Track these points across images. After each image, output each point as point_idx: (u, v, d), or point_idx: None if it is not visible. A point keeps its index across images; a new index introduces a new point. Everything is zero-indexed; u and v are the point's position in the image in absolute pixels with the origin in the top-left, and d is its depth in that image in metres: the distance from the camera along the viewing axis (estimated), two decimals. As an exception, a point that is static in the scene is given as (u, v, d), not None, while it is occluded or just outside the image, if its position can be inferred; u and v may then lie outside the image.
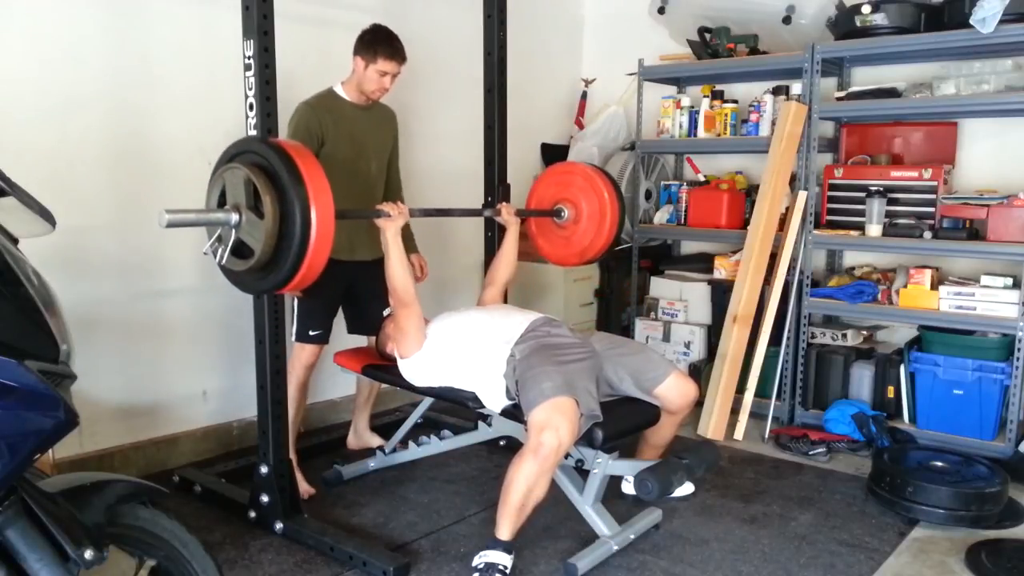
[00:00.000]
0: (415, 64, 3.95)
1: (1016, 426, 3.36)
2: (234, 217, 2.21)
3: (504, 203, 3.24)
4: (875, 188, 3.61)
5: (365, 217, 2.92)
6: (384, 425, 3.63)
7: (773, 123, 3.94)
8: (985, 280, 3.40)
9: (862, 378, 3.77)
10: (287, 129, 2.92)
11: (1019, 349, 3.29)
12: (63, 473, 1.69)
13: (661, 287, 4.43)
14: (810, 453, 3.49)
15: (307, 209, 2.16)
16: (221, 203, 2.28)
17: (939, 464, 3.00)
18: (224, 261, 2.27)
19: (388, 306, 3.10)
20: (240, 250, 2.25)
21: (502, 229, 3.28)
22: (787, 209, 3.84)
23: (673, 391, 2.71)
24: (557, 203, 3.30)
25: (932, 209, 3.57)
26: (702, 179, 4.50)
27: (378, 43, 2.95)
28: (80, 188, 2.92)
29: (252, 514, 2.70)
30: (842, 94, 3.84)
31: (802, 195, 3.77)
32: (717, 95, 4.22)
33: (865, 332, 3.99)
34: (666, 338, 4.30)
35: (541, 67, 4.83)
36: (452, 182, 4.20)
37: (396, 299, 2.74)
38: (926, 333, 3.60)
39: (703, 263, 4.43)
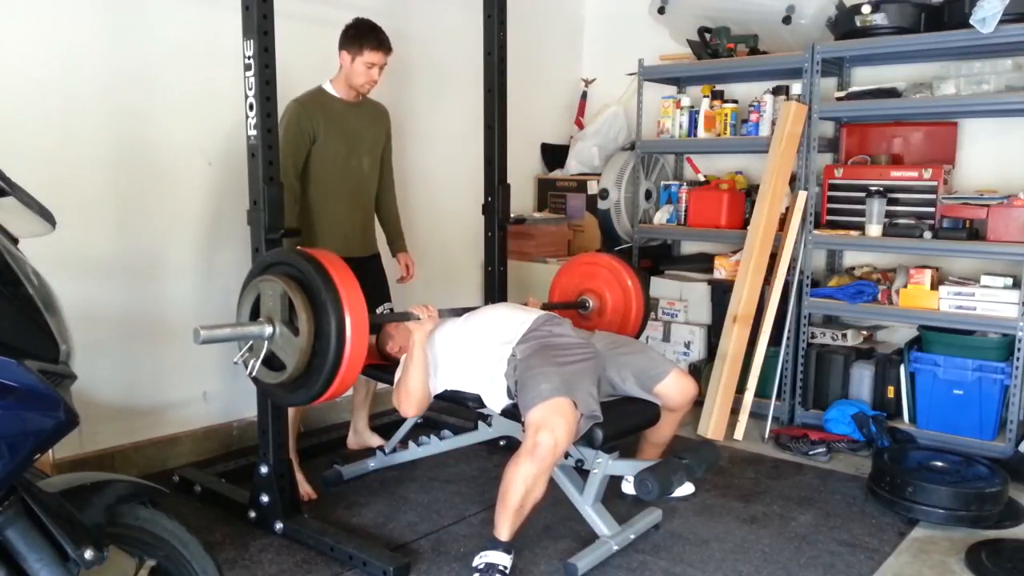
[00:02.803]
0: (415, 64, 3.96)
1: (1016, 426, 3.36)
2: (268, 330, 2.21)
3: (530, 297, 3.20)
4: (875, 188, 3.61)
5: (396, 321, 2.85)
6: (384, 425, 3.63)
7: (773, 123, 3.94)
8: (985, 280, 3.40)
9: (862, 378, 3.77)
10: (278, 127, 2.93)
11: (1019, 349, 3.29)
12: (63, 473, 1.69)
13: (661, 287, 4.42)
14: (810, 453, 3.49)
15: (343, 329, 2.14)
16: (254, 312, 2.27)
17: (939, 464, 3.00)
18: (255, 373, 2.27)
19: (382, 303, 3.10)
20: (270, 361, 2.24)
21: (503, 232, 3.26)
22: (787, 209, 3.84)
23: (674, 388, 2.72)
24: (581, 294, 3.30)
25: (932, 209, 3.57)
26: (702, 179, 4.50)
27: (363, 35, 2.95)
28: (80, 188, 2.92)
29: (252, 514, 2.70)
30: (842, 94, 3.84)
31: (802, 195, 3.76)
32: (717, 95, 4.22)
33: (865, 332, 3.99)
34: (666, 338, 4.30)
35: (541, 67, 4.82)
36: (452, 182, 4.21)
37: (409, 405, 2.68)
38: (926, 333, 3.60)
39: (703, 263, 4.43)
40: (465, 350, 2.72)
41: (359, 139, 3.13)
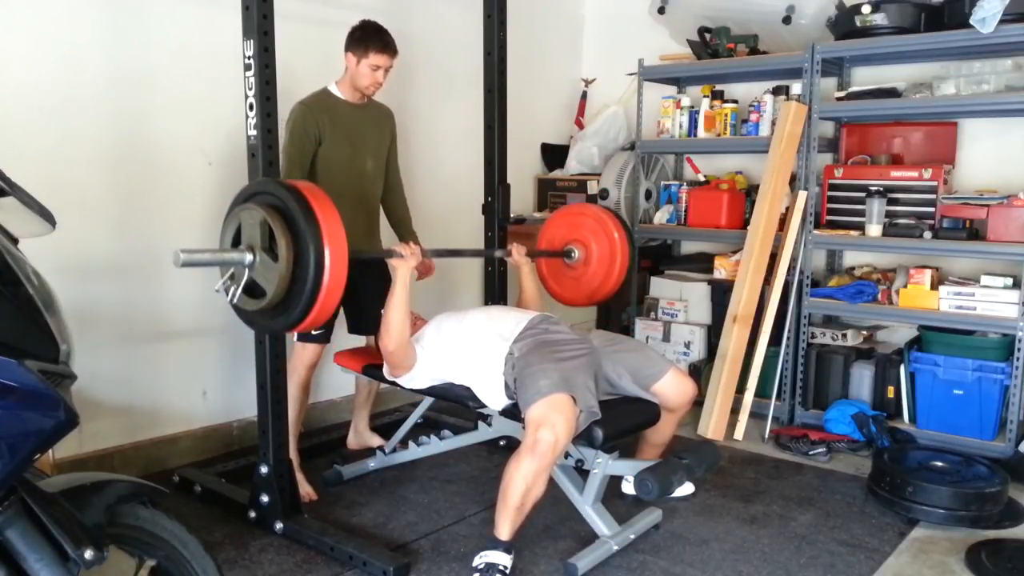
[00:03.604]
0: (415, 64, 3.96)
1: (1016, 426, 3.36)
2: (248, 257, 2.22)
3: (514, 245, 3.20)
4: (875, 188, 3.61)
5: (379, 258, 2.89)
6: (384, 425, 3.63)
7: (773, 123, 3.94)
8: (985, 280, 3.40)
9: (862, 378, 3.77)
10: (283, 130, 2.93)
11: (1019, 349, 3.28)
12: (63, 473, 1.69)
13: (661, 287, 4.43)
14: (810, 453, 3.49)
15: (321, 254, 2.16)
16: (235, 242, 2.28)
17: (939, 464, 3.00)
18: (236, 300, 2.28)
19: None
20: (252, 289, 2.25)
21: (503, 232, 3.27)
22: (787, 209, 3.84)
23: (671, 388, 2.72)
24: (567, 244, 3.30)
25: (932, 209, 3.57)
26: (702, 179, 4.50)
27: (368, 38, 2.95)
28: (80, 188, 2.92)
29: (252, 514, 2.70)
30: (842, 94, 3.84)
31: (802, 195, 3.77)
32: (717, 95, 4.22)
33: (865, 332, 3.99)
34: (666, 338, 4.30)
35: (541, 67, 4.82)
36: (452, 182, 4.21)
37: (388, 337, 2.69)
38: (926, 333, 3.60)
39: (703, 263, 4.43)
40: (461, 349, 2.72)
41: (364, 141, 3.13)
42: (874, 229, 3.60)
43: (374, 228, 3.30)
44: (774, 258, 3.82)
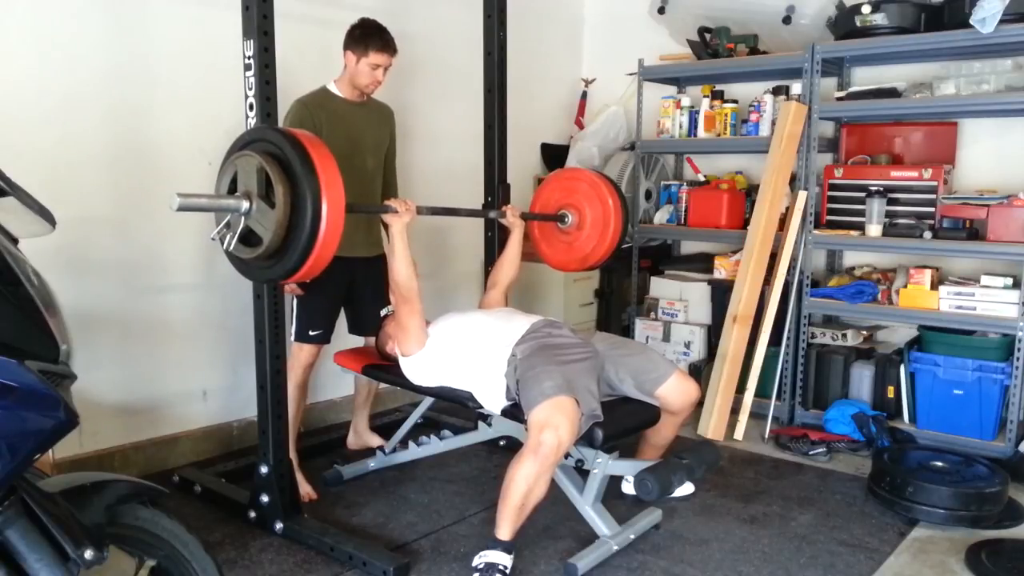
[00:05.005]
0: (415, 63, 3.96)
1: (1016, 426, 3.36)
2: (244, 204, 2.20)
3: (509, 205, 3.24)
4: (875, 188, 3.61)
5: (374, 212, 2.91)
6: (384, 425, 3.63)
7: (773, 123, 3.94)
8: (985, 280, 3.40)
9: (862, 378, 3.77)
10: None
11: (1019, 349, 3.28)
12: (63, 473, 1.69)
13: (661, 287, 4.43)
14: (810, 453, 3.49)
15: (318, 201, 2.15)
16: (232, 189, 2.27)
17: (939, 464, 3.00)
18: (231, 248, 2.27)
19: (387, 305, 3.11)
20: (248, 238, 2.25)
21: (504, 231, 3.28)
22: (787, 209, 3.84)
23: (674, 392, 2.72)
24: (561, 208, 3.29)
25: (932, 209, 3.57)
26: (702, 179, 4.50)
27: (368, 36, 2.95)
28: (80, 188, 2.92)
29: (252, 514, 2.70)
30: (842, 94, 3.84)
31: (802, 195, 3.77)
32: (717, 95, 4.22)
33: (865, 332, 3.99)
34: (666, 338, 4.30)
35: (541, 67, 4.83)
36: (452, 182, 4.20)
37: (398, 295, 2.73)
38: (926, 333, 3.60)
39: (703, 263, 4.43)
40: (464, 349, 2.72)
41: (363, 138, 3.13)
42: (874, 229, 3.60)
43: (374, 226, 3.29)
44: (774, 258, 3.82)
